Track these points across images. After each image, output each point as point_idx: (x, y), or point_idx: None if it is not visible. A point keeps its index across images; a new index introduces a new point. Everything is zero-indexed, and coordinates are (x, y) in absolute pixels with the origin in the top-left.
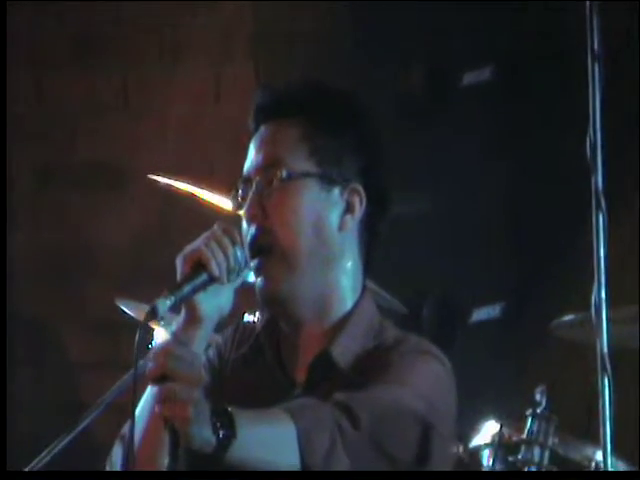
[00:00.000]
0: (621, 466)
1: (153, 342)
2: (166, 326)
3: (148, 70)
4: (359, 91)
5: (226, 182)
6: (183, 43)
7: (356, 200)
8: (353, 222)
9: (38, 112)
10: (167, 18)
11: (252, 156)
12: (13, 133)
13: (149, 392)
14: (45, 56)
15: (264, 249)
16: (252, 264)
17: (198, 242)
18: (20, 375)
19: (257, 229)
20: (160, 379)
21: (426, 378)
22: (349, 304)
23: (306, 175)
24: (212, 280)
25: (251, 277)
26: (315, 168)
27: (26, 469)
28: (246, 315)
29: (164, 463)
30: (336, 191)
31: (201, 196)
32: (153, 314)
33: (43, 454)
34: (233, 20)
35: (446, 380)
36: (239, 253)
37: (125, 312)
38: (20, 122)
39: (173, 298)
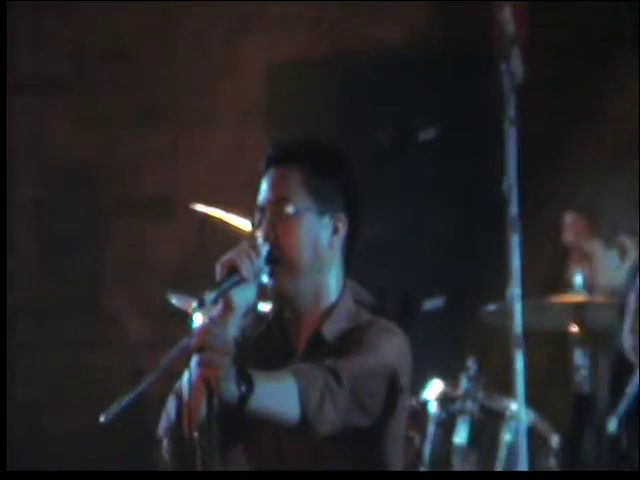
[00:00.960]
0: (530, 414)
1: (195, 325)
2: (206, 313)
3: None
4: (343, 146)
5: (246, 211)
6: (218, 109)
7: (341, 225)
8: (339, 241)
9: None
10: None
11: (264, 191)
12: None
13: (193, 361)
14: (115, 119)
15: (276, 260)
16: (266, 270)
17: (232, 253)
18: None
19: (270, 246)
20: (200, 349)
21: (391, 348)
22: (334, 297)
23: (306, 210)
24: (242, 280)
25: (265, 279)
26: (312, 205)
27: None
28: (261, 306)
29: (204, 411)
30: (327, 219)
31: (229, 220)
32: (202, 304)
33: (107, 412)
34: (252, 93)
35: (405, 350)
36: (260, 262)
37: (174, 304)
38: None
39: (215, 292)
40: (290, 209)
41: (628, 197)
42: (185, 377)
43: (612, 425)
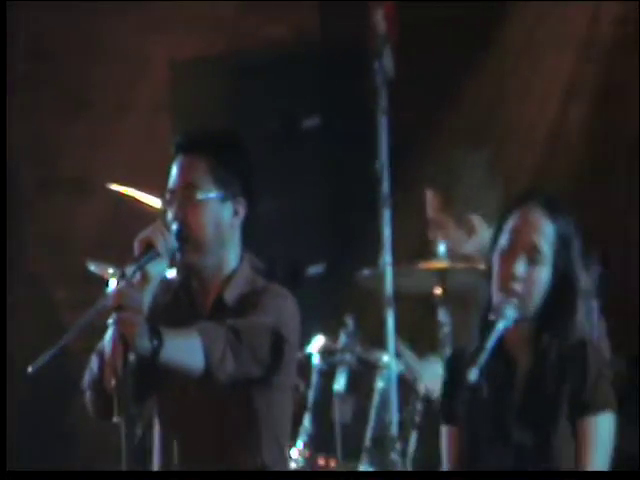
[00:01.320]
0: (400, 365)
1: (111, 288)
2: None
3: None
4: (240, 136)
5: (154, 190)
6: (129, 101)
7: (240, 208)
8: (238, 221)
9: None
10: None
11: (174, 176)
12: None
13: (112, 320)
14: (42, 109)
15: (184, 238)
16: (176, 246)
17: (147, 231)
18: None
19: (179, 226)
20: (117, 309)
21: (282, 310)
22: (233, 267)
23: (211, 196)
24: (157, 255)
25: (175, 255)
26: (216, 191)
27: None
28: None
29: (120, 364)
30: (228, 203)
31: (140, 198)
32: (123, 275)
33: (34, 363)
34: (159, 86)
35: (294, 311)
36: (171, 238)
37: (93, 270)
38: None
39: (135, 267)
40: (198, 195)
41: (480, 179)
42: (107, 335)
43: (473, 375)
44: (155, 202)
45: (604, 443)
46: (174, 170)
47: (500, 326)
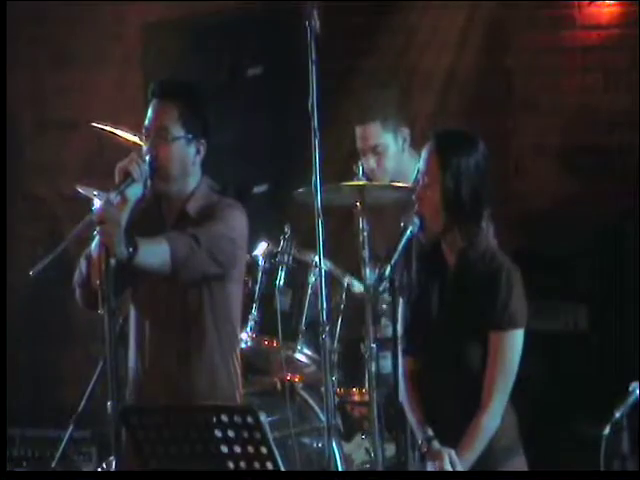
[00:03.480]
0: (328, 263)
1: (96, 207)
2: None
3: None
4: (200, 84)
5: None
6: (107, 54)
7: (202, 147)
8: (199, 158)
9: None
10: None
11: (150, 118)
12: None
13: (97, 231)
14: (35, 62)
15: (155, 169)
16: (149, 174)
17: (125, 161)
18: None
19: (152, 158)
20: (100, 223)
21: (234, 218)
22: (194, 186)
23: (180, 138)
24: (134, 181)
25: (148, 181)
26: (184, 134)
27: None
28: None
29: (103, 266)
30: (193, 144)
31: (119, 134)
32: (108, 201)
33: (35, 267)
34: (132, 43)
35: (244, 219)
36: (145, 168)
37: (82, 192)
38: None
39: (116, 192)
40: (169, 136)
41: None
42: (93, 244)
43: (387, 270)
44: (131, 137)
45: (512, 358)
46: (149, 112)
47: (407, 231)
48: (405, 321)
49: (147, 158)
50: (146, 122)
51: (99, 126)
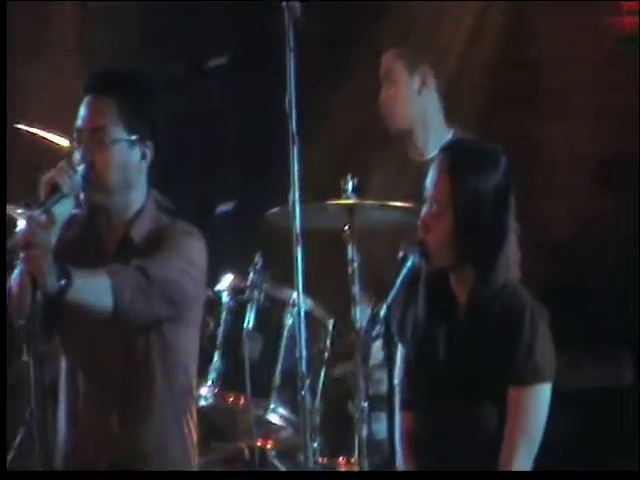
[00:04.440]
0: (309, 302)
1: (19, 228)
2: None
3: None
4: (148, 78)
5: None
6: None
7: (148, 152)
8: (146, 165)
9: None
10: None
11: (83, 117)
12: None
13: (20, 258)
14: None
15: (90, 180)
16: (82, 187)
17: (52, 172)
18: None
19: (87, 166)
20: (25, 247)
21: (190, 247)
22: (139, 205)
23: (120, 140)
24: (63, 196)
25: (81, 195)
26: (126, 135)
27: None
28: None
29: (28, 300)
30: (137, 148)
31: (47, 137)
32: (35, 220)
33: None
34: (70, 29)
35: (202, 248)
36: (77, 179)
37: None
38: None
39: (41, 210)
40: (107, 139)
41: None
42: (14, 273)
43: (383, 311)
44: (63, 141)
45: (536, 419)
46: (82, 110)
47: (408, 263)
48: (404, 371)
49: (80, 167)
50: (78, 122)
51: (24, 128)
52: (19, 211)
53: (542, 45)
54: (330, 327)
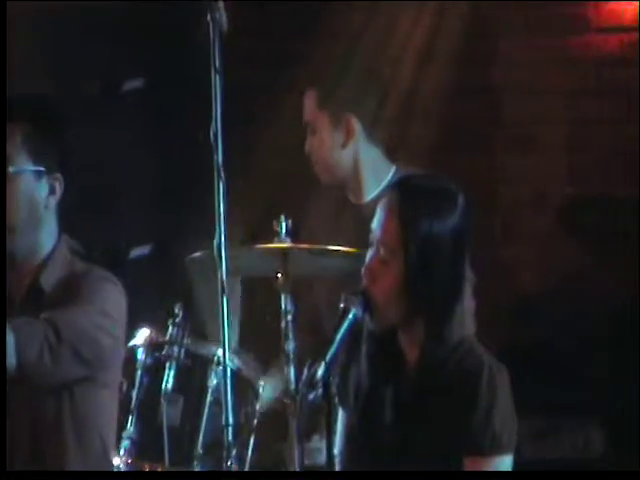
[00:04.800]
0: (236, 359)
1: None
2: None
3: None
4: (57, 102)
5: None
6: None
7: (57, 185)
8: (54, 200)
9: None
10: None
11: None
12: None
13: None
14: None
15: None
16: None
17: None
18: None
19: None
20: None
21: (106, 298)
22: (49, 249)
23: (25, 171)
24: None
25: None
26: (31, 165)
27: None
28: None
29: None
30: (44, 180)
31: None
32: None
33: None
34: None
35: (121, 299)
36: None
37: None
38: None
39: None
40: (10, 169)
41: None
42: None
43: (321, 370)
44: None
45: None
46: None
47: (349, 316)
48: (346, 440)
49: None
50: None
51: None
52: None
53: (504, 68)
54: (260, 389)
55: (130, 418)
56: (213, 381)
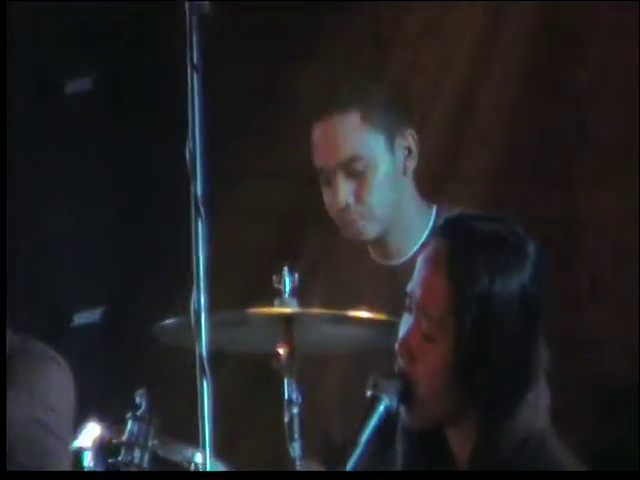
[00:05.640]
0: (220, 466)
1: None
2: None
3: None
4: None
5: None
6: None
7: None
8: None
9: None
10: None
11: None
12: None
13: None
14: None
15: None
16: None
17: None
18: None
19: None
20: None
21: (50, 385)
22: None
23: None
24: None
25: None
26: None
27: None
28: None
29: None
30: None
31: None
32: None
33: None
34: None
35: (68, 386)
36: None
37: None
38: None
39: None
40: None
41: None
42: None
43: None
44: None
45: None
46: None
47: (379, 407)
48: None
49: None
50: None
51: None
52: None
53: (588, 74)
54: None
55: None
56: None
